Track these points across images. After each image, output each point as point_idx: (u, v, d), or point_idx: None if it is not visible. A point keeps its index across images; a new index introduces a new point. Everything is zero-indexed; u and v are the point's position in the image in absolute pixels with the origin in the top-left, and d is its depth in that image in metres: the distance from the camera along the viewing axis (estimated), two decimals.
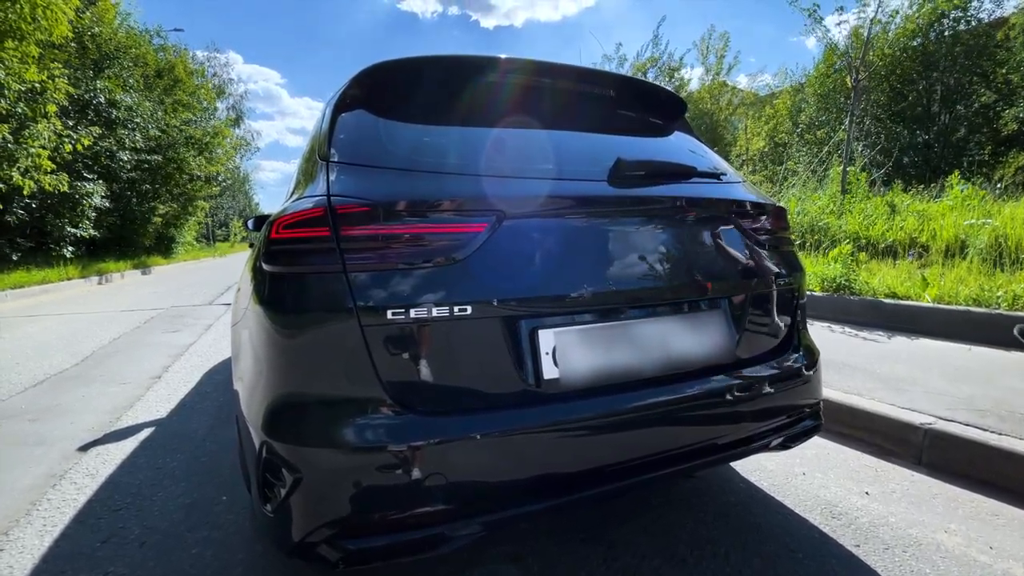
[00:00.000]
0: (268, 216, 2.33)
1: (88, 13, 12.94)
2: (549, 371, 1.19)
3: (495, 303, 1.16)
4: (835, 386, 2.64)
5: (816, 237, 5.62)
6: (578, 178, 1.40)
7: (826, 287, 4.30)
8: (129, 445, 2.47)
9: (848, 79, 7.28)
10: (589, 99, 1.76)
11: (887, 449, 2.25)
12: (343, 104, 1.46)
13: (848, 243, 4.75)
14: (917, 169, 16.50)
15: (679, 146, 1.81)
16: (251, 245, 2.63)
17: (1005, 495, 1.90)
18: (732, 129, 28.05)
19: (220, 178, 20.97)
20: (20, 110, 8.14)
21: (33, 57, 7.80)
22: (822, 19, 7.68)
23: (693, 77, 29.40)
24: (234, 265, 18.62)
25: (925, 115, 19.13)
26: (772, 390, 1.46)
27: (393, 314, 1.09)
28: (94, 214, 12.58)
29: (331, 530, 1.06)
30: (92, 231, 12.79)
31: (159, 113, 15.59)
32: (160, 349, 4.58)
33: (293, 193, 1.52)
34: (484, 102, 1.58)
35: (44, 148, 8.44)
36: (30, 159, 8.31)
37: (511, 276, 1.20)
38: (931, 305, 3.70)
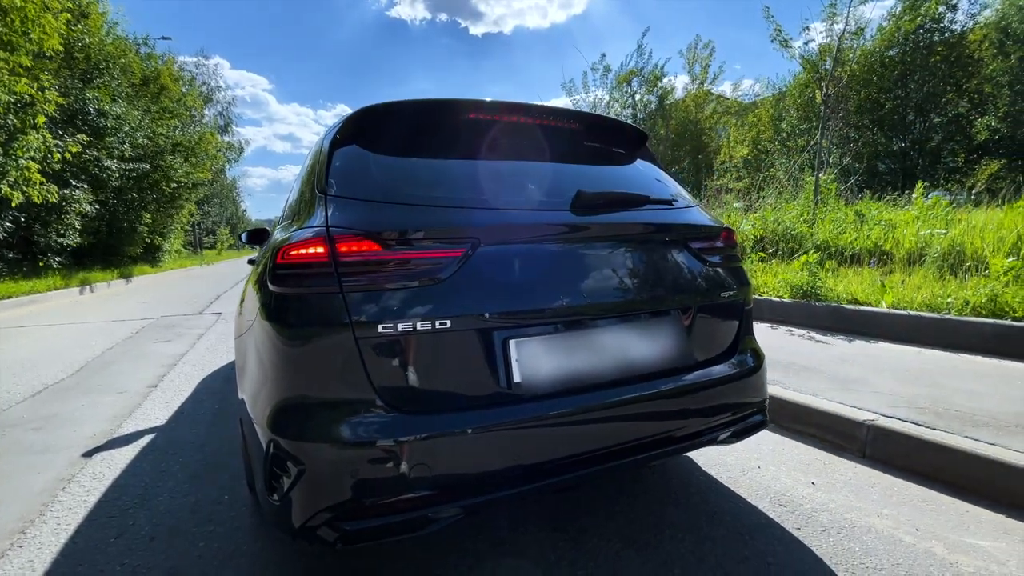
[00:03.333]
0: (264, 231, 2.56)
1: (80, 25, 12.98)
2: (519, 376, 1.38)
3: (472, 318, 1.35)
4: (793, 387, 2.86)
5: (790, 245, 5.89)
6: (544, 208, 1.60)
7: (794, 294, 4.54)
8: (131, 451, 2.61)
9: (818, 92, 7.60)
10: (557, 135, 1.91)
11: (836, 444, 2.47)
12: (338, 142, 1.63)
13: (815, 251, 5.01)
14: (893, 176, 17.04)
15: (639, 174, 2.02)
16: (250, 262, 2.93)
17: (937, 484, 2.11)
18: (717, 137, 28.57)
19: (207, 183, 20.88)
20: (10, 122, 8.19)
21: (25, 68, 7.86)
22: (788, 42, 8.02)
23: (678, 86, 29.88)
24: (221, 273, 18.88)
25: (901, 123, 19.74)
26: (720, 390, 1.68)
27: (383, 328, 1.26)
28: (80, 222, 12.54)
29: (329, 514, 1.22)
30: (78, 239, 12.75)
31: (146, 121, 15.61)
32: (153, 359, 4.69)
33: (293, 221, 1.69)
34: (463, 141, 1.76)
35: (33, 160, 8.48)
36: (19, 172, 8.34)
37: (486, 294, 1.38)
38: (888, 310, 3.96)
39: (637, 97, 28.44)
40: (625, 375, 1.53)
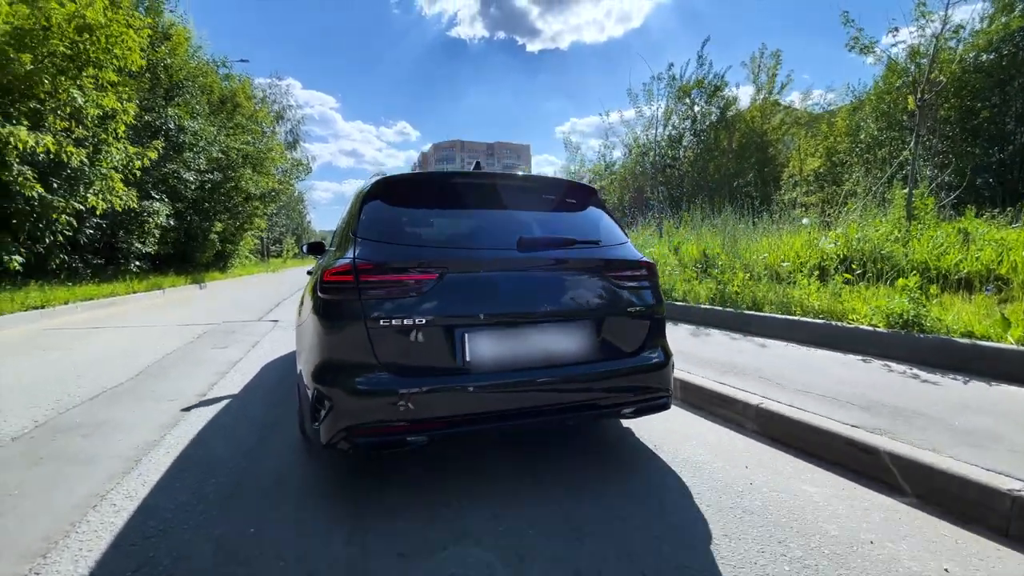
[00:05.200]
0: (321, 244, 3.39)
1: (163, 47, 14.03)
2: (470, 357, 2.03)
3: (440, 318, 2.03)
4: (908, 439, 2.38)
5: (879, 266, 5.24)
6: (496, 247, 2.24)
7: (891, 323, 3.97)
8: (169, 466, 2.52)
9: (911, 99, 6.86)
10: (519, 192, 2.60)
11: (969, 517, 1.99)
12: (365, 199, 2.38)
13: (915, 274, 4.39)
14: (992, 191, 15.35)
15: (584, 219, 2.62)
16: (309, 272, 3.73)
17: None
18: (784, 149, 27.14)
19: (275, 194, 21.99)
20: (97, 135, 8.81)
21: (112, 83, 8.44)
22: (870, 47, 7.32)
23: (741, 96, 28.74)
24: (285, 280, 19.65)
25: (1000, 133, 17.84)
26: (626, 377, 2.29)
27: (383, 322, 1.97)
28: (159, 232, 13.40)
29: (345, 433, 1.92)
30: (156, 247, 13.61)
31: (221, 136, 16.61)
32: (208, 366, 4.73)
33: (337, 249, 2.49)
34: (448, 199, 2.48)
35: (116, 170, 9.08)
36: (104, 181, 8.94)
37: (450, 303, 2.05)
38: (1016, 347, 3.34)
39: (697, 108, 27.58)
40: (546, 362, 2.14)
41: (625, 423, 3.08)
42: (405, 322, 1.96)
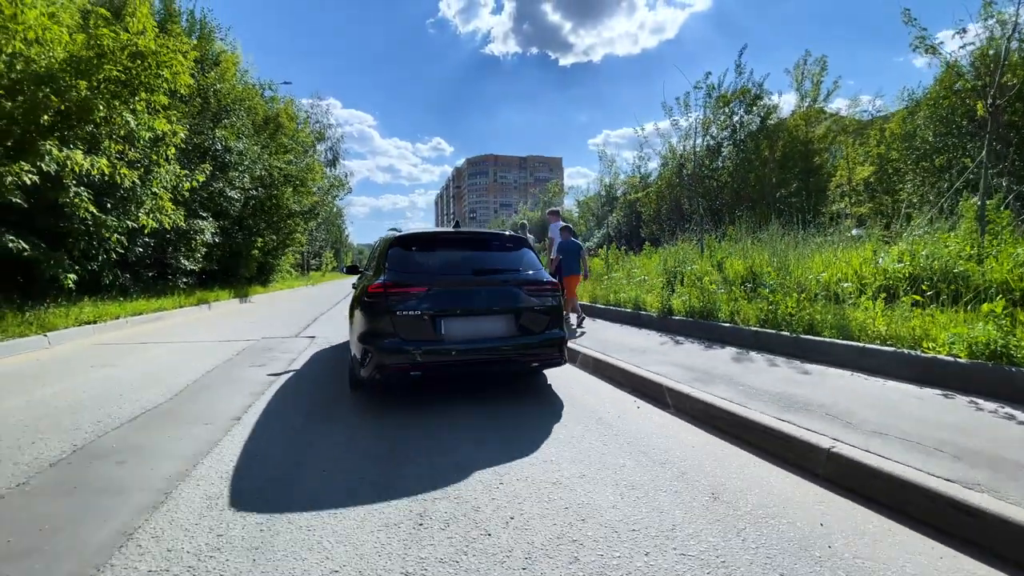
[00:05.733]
0: (356, 267, 5.68)
1: (213, 73, 14.70)
2: (444, 332, 3.66)
3: (428, 312, 3.66)
4: (1012, 497, 2.05)
5: (952, 287, 4.78)
6: (460, 274, 3.96)
7: (975, 353, 3.56)
8: (197, 500, 2.43)
9: (980, 104, 6.33)
10: (479, 242, 4.40)
11: None
12: (390, 245, 4.09)
13: (1000, 298, 3.95)
14: None
15: (517, 257, 4.28)
16: (353, 286, 5.39)
17: None
18: (830, 158, 26.07)
19: (315, 211, 22.65)
20: (149, 157, 9.19)
21: (163, 106, 8.80)
22: (936, 48, 6.82)
23: (784, 104, 27.87)
24: (323, 294, 20.42)
25: None
26: (535, 347, 3.89)
27: (399, 313, 3.62)
28: (205, 249, 13.89)
29: (378, 373, 3.58)
30: (202, 264, 14.10)
31: (264, 155, 17.22)
32: (245, 385, 4.72)
33: (375, 273, 4.10)
34: (434, 247, 4.22)
35: (165, 190, 9.43)
36: (154, 201, 9.29)
37: (434, 304, 3.68)
38: None
39: (736, 118, 26.85)
40: (487, 336, 3.77)
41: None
42: (410, 313, 3.64)
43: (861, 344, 4.31)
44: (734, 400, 3.46)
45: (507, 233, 4.44)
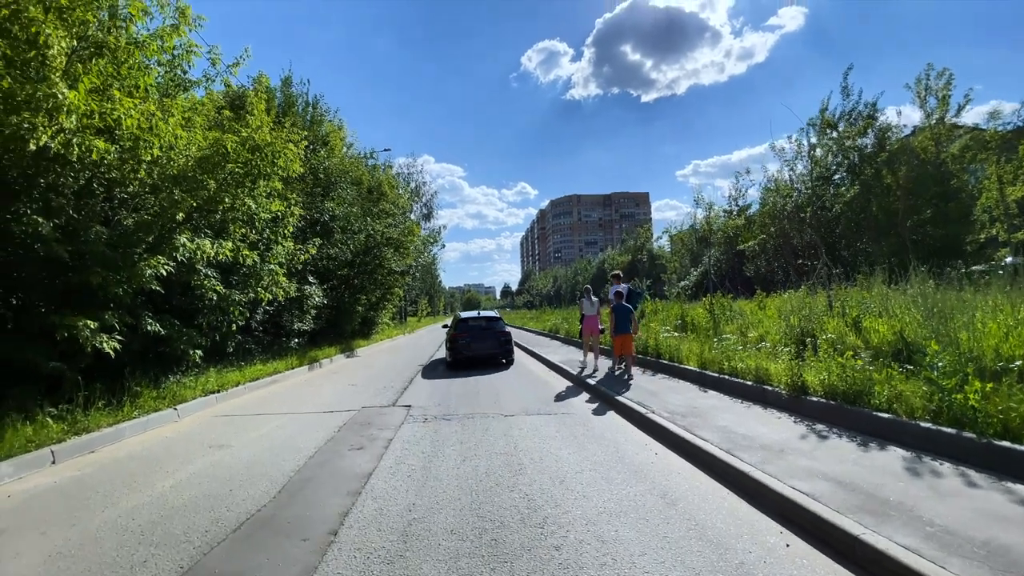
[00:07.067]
0: (447, 324, 18.88)
1: (322, 151, 16.24)
2: (471, 346, 13.10)
3: (461, 340, 13.14)
4: None
5: None
6: (475, 319, 14.12)
7: None
8: None
9: None
10: (485, 318, 14.18)
11: None
12: (457, 319, 14.41)
13: None
14: None
15: (499, 322, 13.90)
16: (444, 326, 20.67)
17: None
18: (973, 179, 22.73)
19: (412, 268, 23.91)
20: (266, 236, 10.05)
21: (278, 190, 9.64)
22: None
23: (904, 120, 25.17)
24: (419, 344, 21.65)
25: None
26: (501, 352, 13.25)
27: (455, 341, 13.07)
28: (314, 311, 14.92)
29: (451, 358, 13.08)
30: (313, 325, 15.14)
31: (367, 221, 18.55)
32: (342, 482, 4.61)
33: (451, 328, 14.00)
34: (470, 320, 14.14)
35: (281, 265, 10.23)
36: (271, 276, 10.09)
37: (465, 338, 13.17)
38: None
39: (848, 142, 24.49)
40: (486, 351, 13.14)
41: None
42: (459, 342, 12.79)
43: None
44: (923, 552, 2.65)
45: (495, 313, 14.62)
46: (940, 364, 4.76)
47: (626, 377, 9.01)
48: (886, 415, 4.68)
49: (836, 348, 6.43)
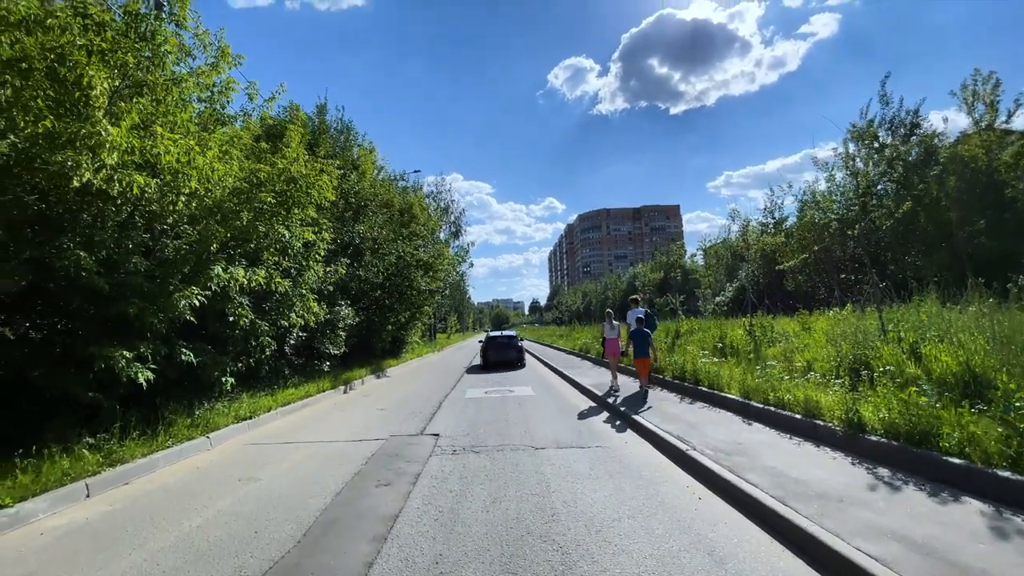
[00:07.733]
0: (482, 341, 23.46)
1: (352, 176, 16.59)
2: (495, 353, 20.06)
3: (487, 348, 20.40)
4: None
5: None
6: (500, 337, 21.44)
7: None
8: None
9: None
10: (503, 335, 21.99)
11: None
12: (487, 338, 21.57)
13: None
14: None
15: (514, 337, 21.51)
16: (480, 341, 25.99)
17: None
18: None
19: (442, 288, 24.18)
20: (299, 262, 10.19)
21: (312, 218, 9.76)
22: None
23: (950, 127, 24.04)
24: (449, 363, 22.79)
25: None
26: (515, 358, 20.05)
27: (485, 351, 20.34)
28: (345, 332, 15.04)
29: (483, 360, 20.12)
30: (344, 348, 15.26)
31: (398, 242, 18.85)
32: (368, 525, 4.44)
33: (484, 343, 21.20)
34: (494, 337, 21.53)
35: (312, 291, 10.33)
36: (303, 301, 10.19)
37: (490, 348, 20.25)
38: None
39: (888, 151, 23.48)
40: (506, 357, 19.80)
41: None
42: (489, 350, 19.81)
43: None
44: None
45: (513, 333, 23.15)
46: (1017, 404, 4.29)
47: (644, 400, 9.35)
48: (958, 460, 4.23)
49: (895, 381, 5.95)
